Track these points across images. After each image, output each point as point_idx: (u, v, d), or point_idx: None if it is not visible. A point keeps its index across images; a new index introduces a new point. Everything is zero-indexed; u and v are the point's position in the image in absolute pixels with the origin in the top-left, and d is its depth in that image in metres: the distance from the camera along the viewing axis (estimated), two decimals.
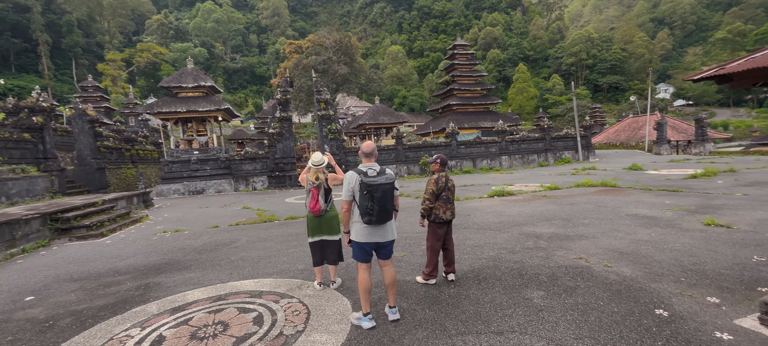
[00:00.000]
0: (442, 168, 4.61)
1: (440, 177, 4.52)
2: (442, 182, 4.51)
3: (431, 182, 4.49)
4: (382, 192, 3.33)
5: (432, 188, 4.47)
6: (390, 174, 3.47)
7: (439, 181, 4.50)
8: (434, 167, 4.61)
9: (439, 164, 4.59)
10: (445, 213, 4.54)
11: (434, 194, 4.48)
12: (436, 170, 4.60)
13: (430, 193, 4.46)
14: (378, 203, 3.33)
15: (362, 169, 3.50)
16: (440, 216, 4.51)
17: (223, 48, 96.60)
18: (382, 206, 3.34)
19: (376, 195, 3.32)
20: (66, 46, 73.53)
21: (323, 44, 51.27)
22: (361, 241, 3.51)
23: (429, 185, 4.48)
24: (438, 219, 4.51)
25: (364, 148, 3.62)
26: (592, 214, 8.19)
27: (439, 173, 4.56)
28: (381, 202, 3.33)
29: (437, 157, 4.63)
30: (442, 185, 4.52)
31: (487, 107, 35.60)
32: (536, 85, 79.97)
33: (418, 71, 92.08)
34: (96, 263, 6.72)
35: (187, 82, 19.37)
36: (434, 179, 4.50)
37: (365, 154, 3.61)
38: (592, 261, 5.03)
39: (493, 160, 25.45)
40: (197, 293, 4.78)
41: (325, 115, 20.71)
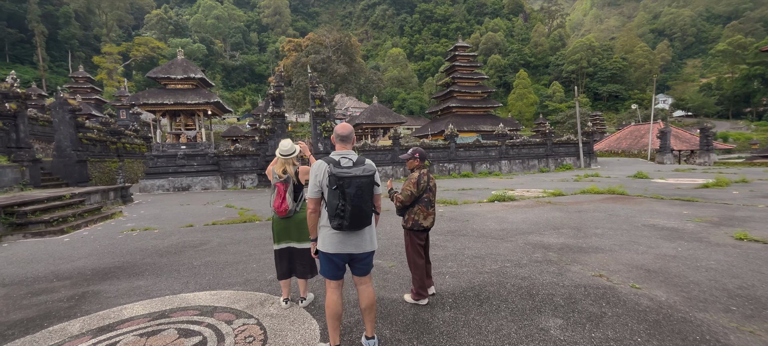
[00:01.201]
0: (422, 164, 3.80)
1: (421, 176, 3.71)
2: (424, 182, 3.71)
3: (411, 182, 3.67)
4: (357, 188, 2.51)
5: (411, 190, 3.64)
6: (369, 165, 2.66)
7: (421, 181, 3.68)
8: (412, 163, 3.77)
9: (418, 159, 3.77)
10: (427, 219, 3.74)
11: (413, 196, 3.66)
12: (415, 167, 3.78)
13: (408, 195, 3.65)
14: (351, 202, 2.51)
15: (334, 158, 2.69)
16: (420, 223, 3.70)
17: (223, 45, 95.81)
18: (356, 207, 2.52)
19: (348, 191, 2.50)
20: (62, 37, 72.53)
21: (323, 43, 50.54)
22: (329, 251, 2.68)
23: (408, 186, 3.66)
24: (417, 226, 3.70)
25: (338, 130, 2.80)
26: (604, 223, 7.39)
27: (420, 171, 3.75)
28: (355, 200, 2.51)
29: (415, 150, 3.80)
30: (424, 186, 3.71)
31: (488, 111, 34.89)
32: (536, 92, 79.52)
33: (418, 74, 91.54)
34: (40, 264, 5.86)
35: (176, 73, 18.53)
36: (414, 180, 3.67)
37: (340, 138, 2.79)
38: (615, 280, 4.22)
39: (493, 164, 24.68)
40: (138, 307, 3.93)
41: (320, 113, 19.90)
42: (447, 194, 13.53)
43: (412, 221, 3.68)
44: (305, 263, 3.81)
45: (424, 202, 3.72)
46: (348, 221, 2.54)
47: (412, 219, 3.68)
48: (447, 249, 5.84)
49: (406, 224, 3.71)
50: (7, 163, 12.50)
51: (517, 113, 69.82)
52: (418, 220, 3.68)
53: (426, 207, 3.73)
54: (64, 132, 16.93)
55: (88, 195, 11.40)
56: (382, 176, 21.59)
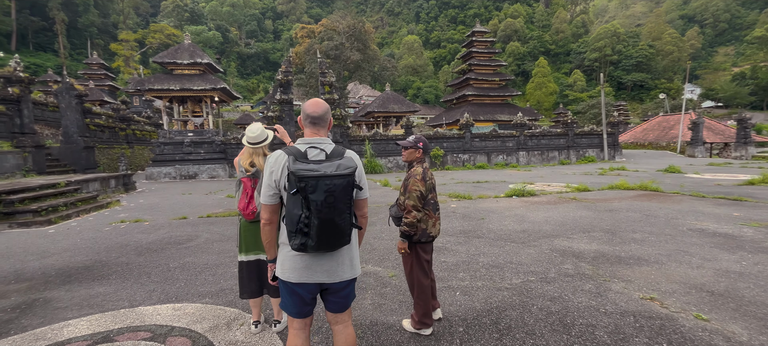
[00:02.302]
0: (424, 157, 3.00)
1: (426, 171, 2.92)
2: (430, 178, 2.92)
3: (416, 179, 2.84)
4: (328, 192, 1.72)
5: (419, 189, 2.82)
6: (349, 160, 1.85)
7: (426, 176, 2.89)
8: (413, 155, 2.96)
9: (422, 151, 2.96)
10: (436, 226, 2.95)
11: (423, 197, 2.84)
12: (415, 160, 2.97)
13: (418, 196, 2.81)
14: (319, 213, 1.72)
15: (299, 148, 1.90)
16: (429, 232, 2.91)
17: (238, 33, 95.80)
18: (326, 220, 1.74)
19: (314, 197, 1.71)
20: (82, 25, 73.70)
21: (336, 29, 49.54)
22: (291, 280, 1.91)
23: (414, 184, 2.83)
24: (425, 237, 2.89)
25: (307, 107, 2.00)
26: (641, 226, 6.42)
27: (423, 165, 2.95)
28: (325, 211, 1.72)
29: (418, 139, 2.98)
30: (430, 183, 2.92)
31: (505, 100, 33.46)
32: (556, 81, 76.66)
33: (434, 62, 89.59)
34: (7, 261, 5.33)
35: (183, 58, 18.02)
36: (420, 175, 2.86)
37: (310, 120, 1.98)
38: (672, 306, 3.33)
39: (510, 155, 23.52)
40: (83, 324, 3.28)
41: (330, 99, 19.14)
42: (460, 187, 12.64)
43: (420, 230, 2.87)
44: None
45: (430, 204, 2.92)
46: (314, 239, 1.76)
47: (419, 229, 2.87)
48: (458, 254, 5.03)
49: (412, 237, 2.89)
50: (9, 149, 12.25)
51: (535, 103, 67.51)
52: (427, 229, 2.88)
53: (433, 210, 2.93)
54: (71, 118, 16.69)
55: (86, 183, 11.01)
56: (394, 167, 20.75)
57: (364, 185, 2.03)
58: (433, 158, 21.46)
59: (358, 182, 1.89)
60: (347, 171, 1.75)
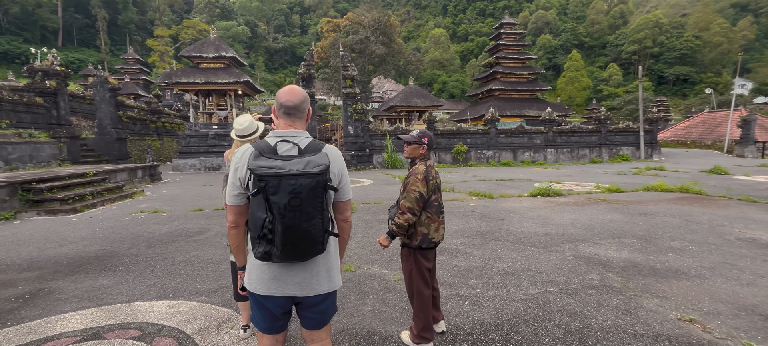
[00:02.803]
0: (428, 154, 2.69)
1: (430, 169, 2.60)
2: (433, 178, 2.60)
3: (416, 178, 2.54)
4: (293, 194, 1.46)
5: (419, 189, 2.52)
6: (321, 156, 1.57)
7: (429, 175, 2.57)
8: (416, 151, 2.65)
9: (426, 147, 2.64)
10: (439, 230, 2.63)
11: (423, 201, 2.54)
12: (419, 157, 2.66)
13: (417, 197, 2.51)
14: (283, 218, 1.47)
15: (268, 142, 1.66)
16: (431, 237, 2.60)
17: (266, 28, 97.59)
18: (292, 225, 1.49)
19: (276, 200, 1.45)
20: (121, 22, 77.45)
21: (361, 23, 49.30)
22: (258, 292, 1.68)
23: (414, 184, 2.54)
24: (427, 243, 2.59)
25: (281, 95, 1.74)
26: (681, 233, 5.81)
27: (426, 163, 2.63)
28: (290, 215, 1.47)
29: (423, 133, 2.67)
30: (434, 184, 2.60)
31: (534, 94, 32.17)
32: (590, 75, 73.19)
33: (461, 56, 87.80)
34: (27, 248, 5.48)
35: (208, 52, 18.37)
36: (422, 174, 2.55)
37: (284, 109, 1.71)
38: (716, 331, 2.88)
39: (537, 152, 22.56)
40: (77, 318, 3.23)
41: (351, 93, 18.98)
42: (481, 184, 12.15)
43: (421, 235, 2.57)
44: None
45: (433, 206, 2.61)
46: (279, 248, 1.52)
47: (419, 233, 2.57)
48: (472, 258, 4.69)
49: (410, 241, 2.61)
50: (46, 139, 12.87)
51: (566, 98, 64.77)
52: (429, 233, 2.58)
53: (436, 213, 2.62)
54: (105, 110, 17.42)
55: (113, 173, 11.39)
56: None
57: (345, 184, 1.77)
58: (455, 154, 20.91)
59: (332, 182, 1.63)
60: (317, 169, 1.48)
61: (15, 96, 12.68)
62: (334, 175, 1.70)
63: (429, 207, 2.58)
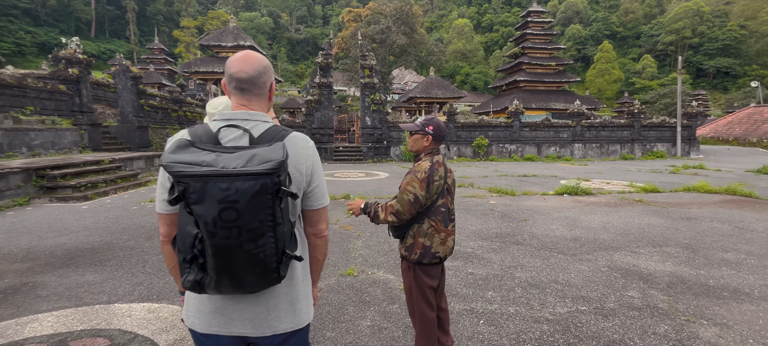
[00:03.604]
0: (436, 147, 2.18)
1: (435, 167, 2.09)
2: (439, 178, 2.09)
3: (415, 176, 2.05)
4: (226, 203, 0.99)
5: (415, 192, 2.02)
6: (273, 150, 1.07)
7: (434, 176, 2.07)
8: (420, 143, 2.15)
9: (432, 138, 2.13)
10: (445, 243, 2.14)
11: (418, 205, 2.04)
12: (423, 151, 2.16)
13: (410, 201, 2.02)
14: (213, 239, 1.02)
15: (208, 127, 1.22)
16: (435, 251, 2.11)
17: (289, 19, 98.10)
18: (226, 249, 1.04)
19: (200, 210, 1.01)
20: (150, 13, 79.65)
21: (383, 12, 48.55)
22: (195, 329, 1.26)
23: (410, 183, 2.05)
24: (429, 257, 2.10)
25: (231, 64, 1.25)
26: (734, 242, 5.07)
27: (432, 159, 2.12)
28: (224, 234, 1.02)
29: (427, 121, 2.15)
30: (440, 185, 2.10)
31: (561, 86, 30.73)
32: (622, 67, 69.64)
33: (485, 47, 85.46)
34: (28, 236, 5.36)
35: (227, 40, 18.30)
36: (424, 172, 2.04)
37: (235, 83, 1.25)
38: None
39: (564, 147, 21.46)
40: (48, 322, 2.96)
41: (369, 84, 18.51)
42: (503, 180, 11.48)
43: (421, 248, 2.09)
44: None
45: (439, 213, 2.11)
46: (213, 274, 1.09)
47: (420, 245, 2.09)
48: (490, 265, 4.17)
49: (408, 254, 2.14)
50: (68, 126, 13.08)
51: (596, 91, 61.97)
52: (432, 246, 2.09)
53: (443, 222, 2.12)
54: (127, 98, 17.66)
55: (129, 161, 11.43)
56: None
57: (317, 186, 1.32)
58: (476, 148, 20.15)
59: (293, 185, 1.18)
60: (263, 167, 1.02)
61: (39, 83, 12.92)
62: (300, 174, 1.25)
63: (433, 213, 2.10)
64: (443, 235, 2.11)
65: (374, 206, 2.18)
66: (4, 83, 11.55)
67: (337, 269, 4.09)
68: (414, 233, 2.10)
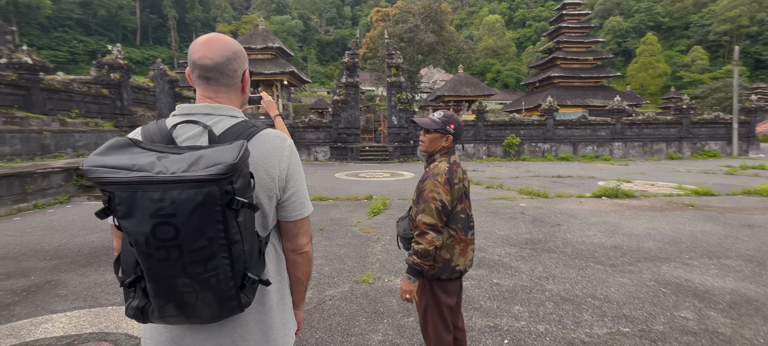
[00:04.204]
0: (452, 147, 1.90)
1: (455, 168, 1.82)
2: (458, 181, 1.82)
3: (437, 180, 1.76)
4: (160, 218, 0.79)
5: (441, 197, 1.74)
6: (229, 150, 0.86)
7: (454, 176, 1.80)
8: (438, 143, 1.88)
9: (452, 137, 1.86)
10: (465, 254, 1.86)
11: (446, 211, 1.76)
12: (440, 151, 1.88)
13: (438, 208, 1.74)
14: (147, 262, 0.83)
15: (163, 123, 1.03)
16: (455, 264, 1.83)
17: (319, 20, 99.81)
18: (161, 276, 0.84)
19: (130, 226, 0.81)
20: (189, 20, 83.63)
21: (411, 11, 48.10)
22: None
23: (433, 190, 1.75)
24: (448, 273, 1.83)
25: (194, 50, 1.05)
26: None
27: (449, 159, 1.85)
28: (160, 257, 0.82)
29: (445, 117, 1.86)
30: (460, 188, 1.83)
31: (600, 82, 29.07)
32: (668, 60, 65.08)
33: (517, 43, 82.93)
34: (60, 234, 5.57)
35: (256, 43, 18.71)
36: (444, 175, 1.77)
37: (199, 72, 1.05)
38: None
39: (602, 146, 20.22)
40: (60, 323, 2.96)
41: (396, 82, 18.29)
42: (535, 181, 10.88)
43: (440, 261, 1.81)
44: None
45: (458, 219, 1.83)
46: (154, 302, 0.90)
47: (438, 258, 1.81)
48: (519, 275, 3.82)
49: (427, 268, 1.82)
50: (110, 128, 13.80)
51: (638, 86, 58.30)
52: (452, 259, 1.82)
53: (463, 230, 1.84)
54: (164, 101, 18.49)
55: None
56: (462, 156, 19.21)
57: (294, 193, 1.11)
58: (507, 147, 19.39)
59: (250, 194, 0.94)
60: (207, 172, 0.80)
61: (84, 88, 13.72)
62: (271, 178, 1.04)
63: (453, 221, 1.83)
64: (463, 245, 1.84)
65: (410, 259, 1.79)
66: (52, 88, 12.33)
67: (353, 274, 3.89)
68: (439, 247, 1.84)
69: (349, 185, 10.55)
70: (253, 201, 0.96)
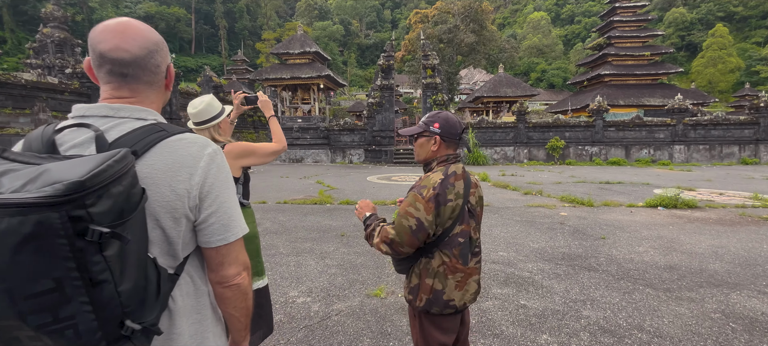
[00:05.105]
0: (454, 153, 1.58)
1: (448, 182, 1.48)
2: (454, 197, 1.48)
3: (419, 194, 1.46)
4: None
5: (419, 216, 1.43)
6: (83, 164, 0.66)
7: (449, 189, 1.47)
8: (427, 149, 1.58)
9: (441, 141, 1.55)
10: (463, 287, 1.52)
11: (422, 233, 1.45)
12: (434, 158, 1.58)
13: (409, 230, 1.44)
14: None
15: (49, 130, 0.83)
16: (449, 298, 1.50)
17: (359, 25, 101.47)
18: None
19: None
20: (238, 29, 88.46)
21: (450, 11, 47.27)
22: None
23: (412, 202, 1.46)
24: (440, 307, 1.50)
25: (99, 40, 0.84)
26: None
27: (445, 168, 1.52)
28: None
29: (433, 117, 1.57)
30: (456, 208, 1.48)
31: (659, 79, 26.62)
32: (741, 54, 58.45)
33: (564, 41, 78.83)
34: None
35: (294, 48, 19.19)
36: (431, 189, 1.45)
37: (111, 67, 0.85)
38: None
39: (660, 149, 18.40)
40: None
41: (431, 84, 17.90)
42: (579, 188, 10.03)
43: (429, 292, 1.51)
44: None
45: (455, 244, 1.50)
46: None
47: (427, 288, 1.51)
48: (551, 297, 3.37)
49: (413, 298, 1.56)
50: None
51: (705, 83, 52.88)
52: (444, 291, 1.50)
53: (461, 257, 1.51)
54: None
55: None
56: (501, 159, 18.36)
57: (213, 213, 0.89)
58: (550, 150, 18.25)
59: (113, 222, 0.70)
60: (38, 195, 0.60)
61: None
62: (177, 195, 0.83)
63: (446, 245, 1.50)
64: (461, 276, 1.52)
65: (375, 222, 1.65)
66: None
67: (365, 286, 3.65)
68: (420, 271, 1.54)
69: (379, 189, 10.36)
70: (139, 226, 0.75)
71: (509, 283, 3.70)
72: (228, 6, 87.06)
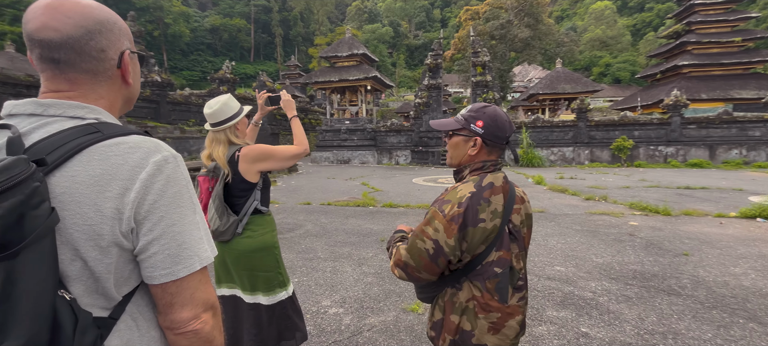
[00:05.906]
0: (495, 160, 1.23)
1: (485, 194, 1.14)
2: (495, 213, 1.14)
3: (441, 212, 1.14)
4: None
5: (438, 239, 1.12)
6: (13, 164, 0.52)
7: (482, 207, 1.13)
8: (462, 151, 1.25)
9: (483, 144, 1.20)
10: (501, 329, 1.17)
11: (442, 255, 1.13)
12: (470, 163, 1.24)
13: (425, 254, 1.14)
14: None
15: None
16: (480, 342, 1.16)
17: (408, 26, 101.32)
18: None
19: None
20: (292, 36, 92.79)
21: (503, 6, 45.35)
22: None
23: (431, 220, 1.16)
24: None
25: (28, 19, 0.67)
26: None
27: (485, 179, 1.18)
28: None
29: (476, 114, 1.20)
30: (495, 226, 1.14)
31: (751, 68, 23.13)
32: None
33: (632, 31, 72.11)
34: None
35: (342, 51, 19.46)
36: (455, 205, 1.13)
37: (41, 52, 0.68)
38: None
39: (754, 150, 15.90)
40: None
41: (481, 82, 17.14)
42: (652, 193, 8.87)
43: (455, 332, 1.20)
44: (256, 325, 2.02)
45: (489, 274, 1.16)
46: None
47: (452, 327, 1.20)
48: (620, 326, 2.85)
49: (435, 335, 1.26)
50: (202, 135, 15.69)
51: None
52: (473, 332, 1.17)
53: (498, 292, 1.17)
54: None
55: None
56: (558, 160, 17.05)
57: (157, 239, 0.69)
58: (615, 151, 16.56)
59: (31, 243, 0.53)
60: None
61: (199, 100, 15.86)
62: (103, 217, 0.64)
63: (477, 275, 1.17)
64: (498, 316, 1.18)
65: (395, 240, 1.39)
66: (176, 101, 14.46)
67: (402, 299, 3.39)
68: (444, 304, 1.24)
69: (424, 192, 10.03)
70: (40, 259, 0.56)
71: (567, 305, 3.21)
72: (283, 14, 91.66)
